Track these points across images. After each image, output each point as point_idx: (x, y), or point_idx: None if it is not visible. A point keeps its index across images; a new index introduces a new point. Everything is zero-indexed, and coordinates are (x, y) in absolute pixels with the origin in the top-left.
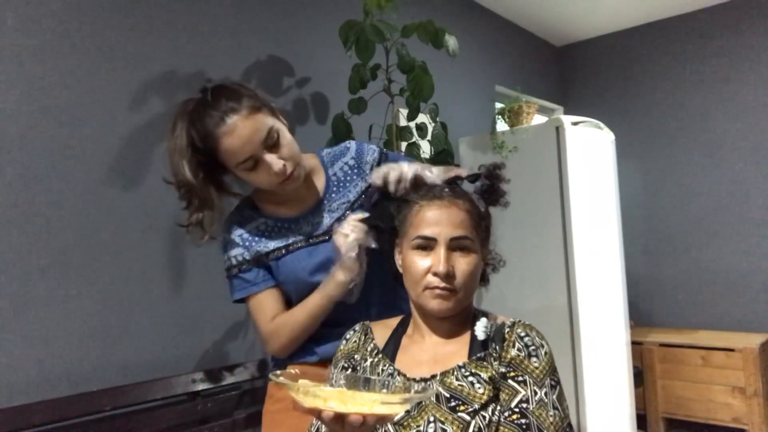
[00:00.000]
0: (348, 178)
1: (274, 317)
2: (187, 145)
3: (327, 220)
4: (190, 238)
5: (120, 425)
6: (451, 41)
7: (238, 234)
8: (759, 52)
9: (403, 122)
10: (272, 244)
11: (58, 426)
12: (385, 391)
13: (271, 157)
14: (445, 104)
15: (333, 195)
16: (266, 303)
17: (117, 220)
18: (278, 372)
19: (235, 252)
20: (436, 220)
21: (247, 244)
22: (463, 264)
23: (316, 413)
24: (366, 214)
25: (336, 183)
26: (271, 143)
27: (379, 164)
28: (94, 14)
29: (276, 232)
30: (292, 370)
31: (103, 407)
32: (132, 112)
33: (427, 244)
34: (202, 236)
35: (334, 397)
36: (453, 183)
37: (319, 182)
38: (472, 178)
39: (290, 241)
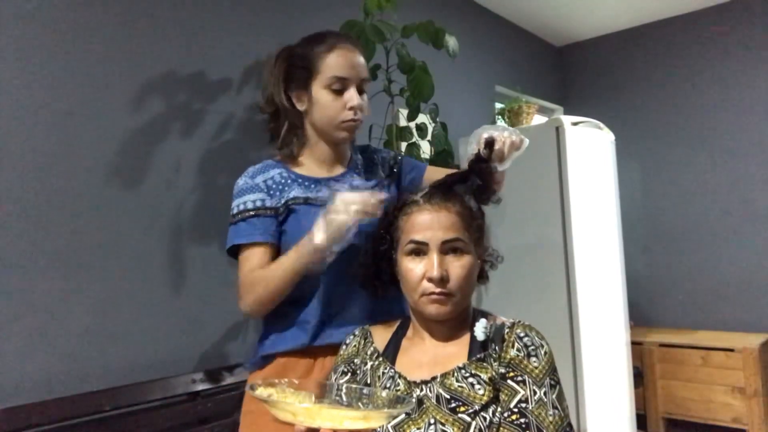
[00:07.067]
0: (369, 168)
1: (256, 269)
2: (284, 79)
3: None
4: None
5: (120, 425)
6: (451, 41)
7: (263, 179)
8: (759, 52)
9: (403, 122)
10: (293, 193)
11: (58, 426)
12: (361, 405)
13: (356, 93)
14: (445, 104)
15: (355, 174)
16: (258, 256)
17: (117, 220)
18: (259, 382)
19: (255, 197)
20: (427, 224)
21: (271, 191)
22: (457, 267)
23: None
24: (385, 196)
25: (357, 166)
26: (362, 87)
27: (392, 168)
28: (94, 13)
29: (298, 186)
30: (278, 380)
31: (103, 407)
32: (132, 112)
33: (419, 249)
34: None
35: (302, 414)
36: (443, 185)
37: (347, 159)
38: (463, 178)
39: (310, 195)
